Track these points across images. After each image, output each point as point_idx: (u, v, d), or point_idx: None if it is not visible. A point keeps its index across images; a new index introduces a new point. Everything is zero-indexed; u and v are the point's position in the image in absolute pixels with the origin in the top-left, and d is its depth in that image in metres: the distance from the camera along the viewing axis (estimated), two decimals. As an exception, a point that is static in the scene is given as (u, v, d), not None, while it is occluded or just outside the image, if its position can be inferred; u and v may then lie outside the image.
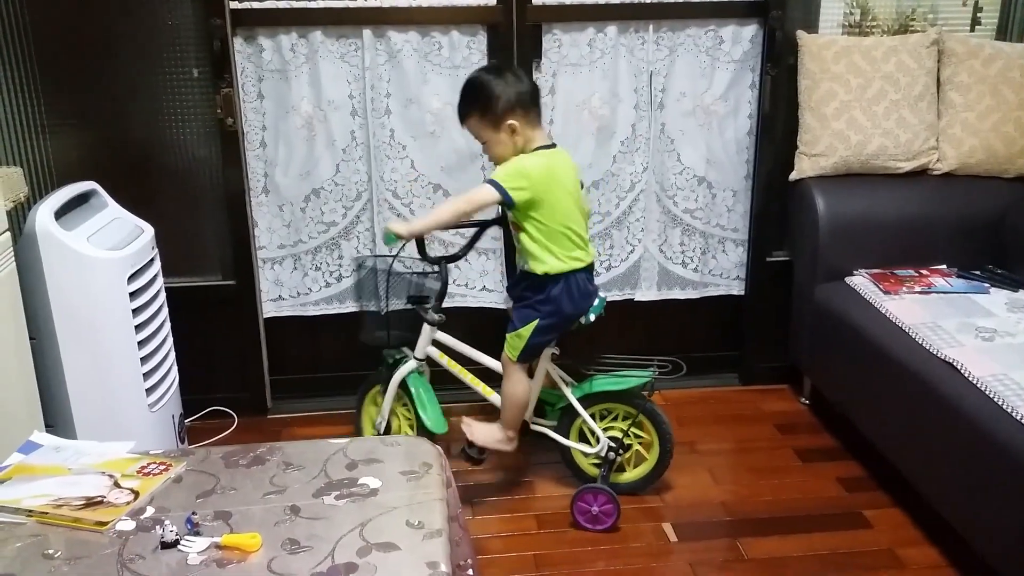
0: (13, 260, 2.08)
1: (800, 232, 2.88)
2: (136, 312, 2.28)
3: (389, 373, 2.50)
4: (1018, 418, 1.93)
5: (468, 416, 2.53)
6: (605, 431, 2.41)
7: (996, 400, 2.00)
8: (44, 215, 2.16)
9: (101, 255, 2.21)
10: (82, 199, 2.38)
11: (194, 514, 1.45)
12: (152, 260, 2.41)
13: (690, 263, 3.05)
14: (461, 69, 2.68)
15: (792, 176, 2.86)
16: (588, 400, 2.41)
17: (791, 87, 2.83)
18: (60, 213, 2.22)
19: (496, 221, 2.55)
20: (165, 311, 2.48)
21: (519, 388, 2.38)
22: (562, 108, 2.83)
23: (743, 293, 3.10)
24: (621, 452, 2.41)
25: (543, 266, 2.26)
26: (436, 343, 2.50)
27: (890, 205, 2.77)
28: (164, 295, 2.48)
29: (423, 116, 2.78)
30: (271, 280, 2.92)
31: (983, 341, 2.27)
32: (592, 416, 2.42)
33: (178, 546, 1.39)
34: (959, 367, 2.14)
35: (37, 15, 2.52)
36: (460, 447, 2.50)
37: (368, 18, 2.68)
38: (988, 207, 2.79)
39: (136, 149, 2.69)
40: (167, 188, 2.74)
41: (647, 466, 2.48)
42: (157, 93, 2.65)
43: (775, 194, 2.94)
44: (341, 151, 2.80)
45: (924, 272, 2.73)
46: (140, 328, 2.30)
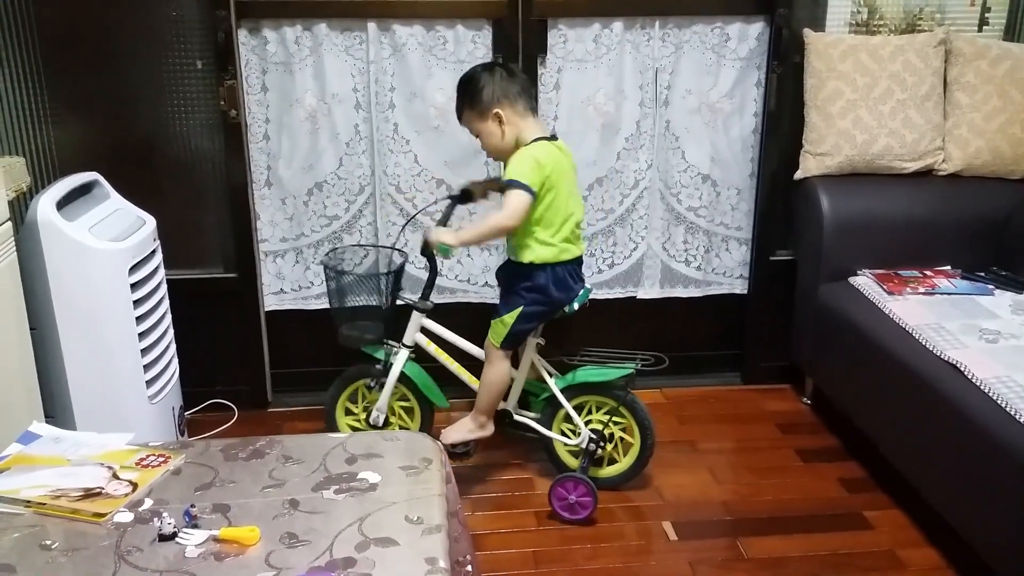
0: (14, 250, 2.07)
1: (804, 231, 2.87)
2: (137, 304, 2.28)
3: (385, 370, 2.49)
4: (1021, 420, 1.92)
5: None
6: (587, 424, 2.42)
7: (999, 402, 2.00)
8: (46, 205, 2.16)
9: (102, 246, 2.20)
10: (84, 190, 2.37)
11: (192, 507, 1.45)
12: (154, 252, 2.40)
13: (693, 261, 3.04)
14: (466, 64, 2.66)
15: (797, 175, 2.85)
16: (571, 391, 2.42)
17: (797, 85, 2.81)
18: (62, 203, 2.21)
19: (461, 198, 2.51)
20: (166, 303, 2.48)
21: (499, 375, 2.39)
22: (567, 104, 2.82)
23: (746, 292, 3.09)
24: (602, 444, 2.42)
25: (531, 254, 2.27)
26: (424, 330, 2.50)
27: (895, 205, 2.76)
28: (165, 287, 2.47)
29: (427, 110, 2.77)
30: (273, 273, 2.91)
31: (987, 343, 2.26)
32: (576, 409, 2.43)
33: (176, 538, 1.38)
34: (962, 369, 2.14)
35: (41, 5, 2.52)
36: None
37: (373, 11, 2.67)
38: (993, 209, 2.78)
39: (139, 140, 2.69)
40: (169, 180, 2.73)
41: (628, 460, 2.48)
42: (160, 84, 2.65)
43: (779, 193, 2.94)
44: (344, 145, 2.79)
45: (928, 273, 2.72)
46: (141, 320, 2.30)
